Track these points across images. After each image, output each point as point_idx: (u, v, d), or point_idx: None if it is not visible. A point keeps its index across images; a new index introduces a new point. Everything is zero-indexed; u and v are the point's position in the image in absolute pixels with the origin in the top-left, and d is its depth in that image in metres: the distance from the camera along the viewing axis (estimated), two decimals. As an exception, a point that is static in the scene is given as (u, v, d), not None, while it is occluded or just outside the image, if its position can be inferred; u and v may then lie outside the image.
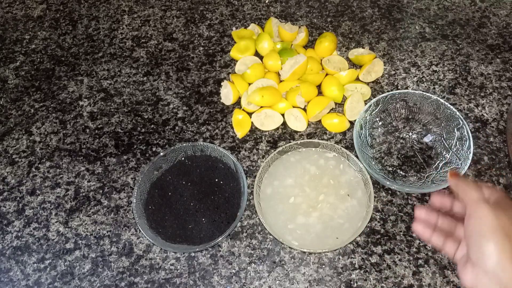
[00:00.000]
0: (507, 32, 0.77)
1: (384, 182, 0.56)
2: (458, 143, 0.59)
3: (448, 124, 0.60)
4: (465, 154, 0.57)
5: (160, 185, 0.59)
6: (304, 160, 0.52)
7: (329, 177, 0.51)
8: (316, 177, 0.51)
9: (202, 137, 0.66)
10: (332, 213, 0.49)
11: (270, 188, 0.51)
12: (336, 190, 0.50)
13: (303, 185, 0.51)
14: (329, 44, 0.70)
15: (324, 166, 0.52)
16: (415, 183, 0.59)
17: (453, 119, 0.59)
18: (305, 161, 0.52)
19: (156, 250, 0.57)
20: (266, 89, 0.65)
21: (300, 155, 0.53)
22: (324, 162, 0.52)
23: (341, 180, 0.50)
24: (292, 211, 0.50)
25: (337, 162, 0.52)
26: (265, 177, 0.52)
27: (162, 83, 0.73)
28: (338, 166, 0.52)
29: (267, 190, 0.51)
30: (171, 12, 0.83)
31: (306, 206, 0.49)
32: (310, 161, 0.52)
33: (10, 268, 0.57)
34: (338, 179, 0.50)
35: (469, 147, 0.56)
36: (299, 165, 0.52)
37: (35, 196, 0.62)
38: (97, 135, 0.68)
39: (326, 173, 0.51)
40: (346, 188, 0.50)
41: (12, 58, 0.78)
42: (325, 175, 0.51)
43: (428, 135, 0.63)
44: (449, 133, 0.60)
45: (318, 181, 0.51)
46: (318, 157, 0.53)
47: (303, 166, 0.52)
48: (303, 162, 0.52)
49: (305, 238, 0.49)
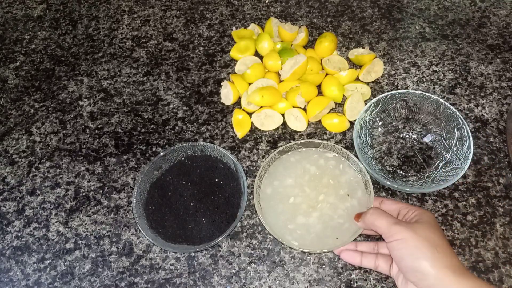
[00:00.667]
0: (507, 32, 0.77)
1: (384, 182, 0.56)
2: (458, 143, 0.59)
3: (448, 124, 0.60)
4: (465, 154, 0.57)
5: (160, 185, 0.59)
6: (304, 160, 0.52)
7: (329, 177, 0.51)
8: (316, 177, 0.51)
9: (202, 137, 0.66)
10: (332, 213, 0.49)
11: (270, 188, 0.51)
12: (336, 190, 0.50)
13: (303, 185, 0.51)
14: (329, 44, 0.70)
15: (324, 166, 0.52)
16: (415, 183, 0.59)
17: (453, 119, 0.59)
18: (305, 161, 0.52)
19: (156, 250, 0.57)
20: (266, 89, 0.65)
21: (300, 155, 0.53)
22: (324, 162, 0.52)
23: (341, 180, 0.50)
24: (292, 211, 0.50)
25: (337, 162, 0.52)
26: (265, 177, 0.51)
27: (162, 83, 0.73)
28: (338, 166, 0.52)
29: (267, 190, 0.51)
30: (171, 12, 0.83)
31: (306, 206, 0.49)
32: (310, 161, 0.52)
33: (10, 268, 0.57)
34: (338, 179, 0.50)
35: (469, 147, 0.56)
36: (299, 165, 0.52)
37: (35, 196, 0.62)
38: (97, 135, 0.68)
39: (326, 173, 0.51)
40: (346, 188, 0.50)
41: (12, 58, 0.78)
42: (325, 175, 0.51)
43: (428, 135, 0.63)
44: (449, 133, 0.60)
45: (318, 181, 0.50)
46: (318, 157, 0.53)
47: (303, 166, 0.52)
48: (303, 162, 0.52)
49: (305, 238, 0.49)
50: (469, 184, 0.60)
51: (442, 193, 0.59)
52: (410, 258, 0.38)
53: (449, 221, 0.57)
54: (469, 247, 0.55)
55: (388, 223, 0.40)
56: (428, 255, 0.37)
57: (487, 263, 0.54)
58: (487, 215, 0.58)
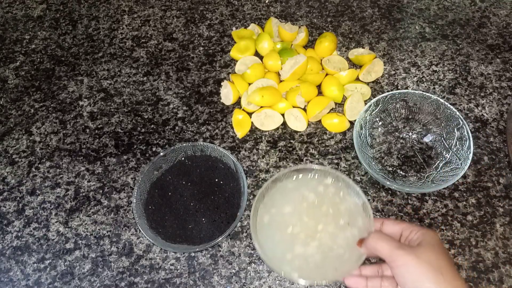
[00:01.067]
0: (507, 32, 0.77)
1: (384, 182, 0.56)
2: (458, 143, 0.59)
3: (448, 124, 0.60)
4: (465, 154, 0.57)
5: (160, 185, 0.59)
6: (302, 187, 0.50)
7: (329, 205, 0.48)
8: (315, 205, 0.49)
9: (202, 137, 0.66)
10: (332, 243, 0.46)
11: (267, 216, 0.48)
12: (336, 219, 0.47)
13: (302, 213, 0.48)
14: (329, 44, 0.70)
15: (323, 194, 0.50)
16: (415, 183, 0.59)
17: (453, 119, 0.59)
18: (303, 187, 0.50)
19: (156, 250, 0.57)
20: (266, 89, 0.65)
21: (297, 182, 0.51)
22: (323, 189, 0.50)
23: (340, 208, 0.48)
24: (290, 241, 0.47)
25: (336, 189, 0.49)
26: (260, 207, 0.49)
27: (162, 83, 0.73)
28: (337, 193, 0.49)
29: (264, 218, 0.48)
30: (171, 12, 0.83)
31: (304, 236, 0.47)
32: (309, 187, 0.50)
33: (10, 268, 0.57)
34: (338, 207, 0.48)
35: (469, 147, 0.56)
36: (297, 192, 0.49)
37: (35, 196, 0.62)
38: (97, 135, 0.68)
39: (325, 201, 0.49)
40: (346, 217, 0.47)
41: (12, 58, 0.78)
42: (324, 203, 0.49)
43: (428, 135, 0.63)
44: (449, 133, 0.60)
45: (317, 210, 0.48)
46: (317, 184, 0.50)
47: (302, 193, 0.49)
48: (301, 189, 0.50)
49: (304, 269, 0.47)
50: (469, 184, 0.60)
51: (442, 193, 0.59)
52: (414, 283, 0.38)
53: (449, 221, 0.57)
54: (469, 247, 0.55)
55: (390, 247, 0.39)
56: (432, 279, 0.37)
57: (487, 263, 0.54)
58: (487, 215, 0.57)
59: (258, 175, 0.62)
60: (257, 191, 0.60)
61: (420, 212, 0.58)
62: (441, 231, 0.56)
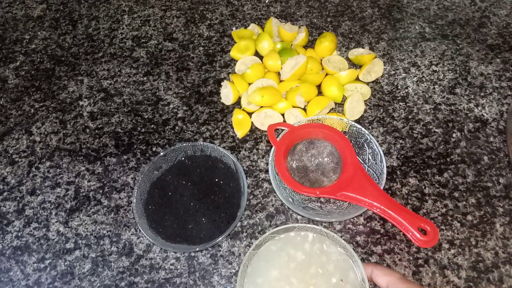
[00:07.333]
0: (507, 32, 0.77)
1: (298, 211, 0.53)
2: (371, 157, 0.58)
3: (358, 141, 0.59)
4: (379, 168, 0.56)
5: (160, 185, 0.59)
6: (286, 246, 0.48)
7: (317, 265, 0.46)
8: (303, 265, 0.46)
9: (202, 137, 0.66)
10: None
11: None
12: (327, 278, 0.45)
13: (289, 276, 0.46)
14: (329, 44, 0.70)
15: (310, 252, 0.47)
16: (321, 211, 0.56)
17: (360, 136, 0.59)
18: (288, 246, 0.47)
19: (156, 250, 0.57)
20: (266, 89, 0.65)
21: (281, 242, 0.49)
22: (309, 246, 0.48)
23: (329, 268, 0.46)
24: None
25: (320, 243, 0.48)
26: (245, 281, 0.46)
27: (162, 83, 0.73)
28: (322, 249, 0.47)
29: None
30: (171, 12, 0.83)
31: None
32: (294, 245, 0.47)
33: (10, 268, 0.57)
34: (327, 268, 0.46)
35: (382, 160, 0.56)
36: (282, 252, 0.47)
37: (35, 196, 0.62)
38: (97, 135, 0.68)
39: (313, 261, 0.46)
40: (337, 274, 0.45)
41: (12, 58, 0.79)
42: (312, 263, 0.46)
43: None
44: (361, 148, 0.59)
45: (305, 271, 0.46)
46: (302, 240, 0.48)
47: (287, 253, 0.47)
48: (286, 248, 0.48)
49: None
50: (469, 184, 0.60)
51: (442, 193, 0.59)
52: None
53: (449, 221, 0.57)
54: (469, 247, 0.55)
55: None
56: None
57: (487, 263, 0.54)
58: (487, 215, 0.58)
59: (258, 175, 0.62)
60: (257, 191, 0.60)
61: (420, 212, 0.58)
62: (441, 231, 0.56)
